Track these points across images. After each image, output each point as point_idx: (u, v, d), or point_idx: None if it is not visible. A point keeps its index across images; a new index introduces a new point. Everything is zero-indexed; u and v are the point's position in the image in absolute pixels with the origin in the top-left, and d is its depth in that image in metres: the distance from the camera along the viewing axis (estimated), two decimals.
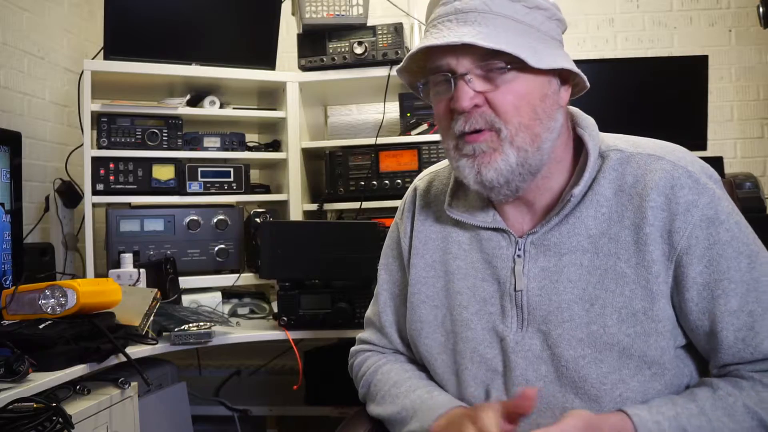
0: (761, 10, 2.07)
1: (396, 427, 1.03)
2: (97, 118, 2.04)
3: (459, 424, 0.89)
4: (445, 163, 1.10)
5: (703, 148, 2.31)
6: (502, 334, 0.96)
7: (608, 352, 0.89)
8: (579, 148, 0.98)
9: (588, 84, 0.96)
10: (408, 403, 1.02)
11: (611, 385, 0.89)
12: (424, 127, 2.21)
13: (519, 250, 0.96)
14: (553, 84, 0.91)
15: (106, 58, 2.04)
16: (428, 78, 0.95)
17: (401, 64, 0.97)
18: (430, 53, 0.92)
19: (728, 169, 2.50)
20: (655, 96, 2.34)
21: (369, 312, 1.22)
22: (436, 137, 2.18)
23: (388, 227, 2.11)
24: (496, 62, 0.87)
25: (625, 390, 0.89)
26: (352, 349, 1.25)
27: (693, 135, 2.31)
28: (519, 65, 0.86)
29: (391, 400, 1.05)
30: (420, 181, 1.14)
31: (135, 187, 2.05)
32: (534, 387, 0.90)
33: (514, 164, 0.90)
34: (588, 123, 0.98)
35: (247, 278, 2.14)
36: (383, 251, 1.18)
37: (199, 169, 2.13)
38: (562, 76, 0.93)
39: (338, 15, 2.16)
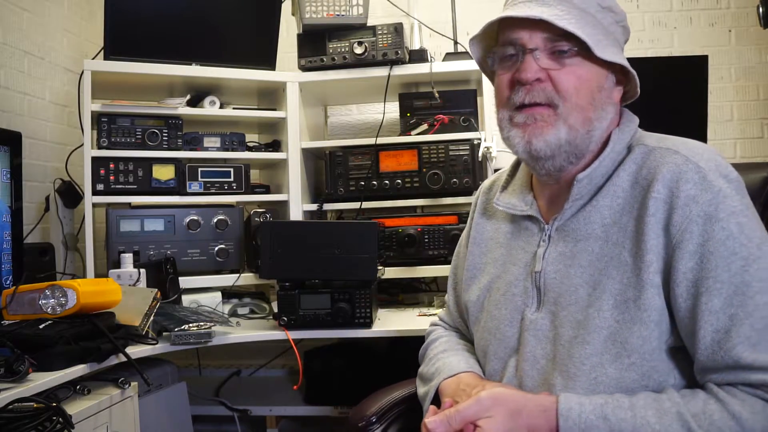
0: (761, 10, 2.07)
1: (424, 384, 1.16)
2: (97, 118, 2.05)
3: (467, 391, 1.01)
4: (509, 167, 1.20)
5: None
6: (523, 314, 1.03)
7: (596, 335, 0.92)
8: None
9: (638, 91, 1.02)
10: (440, 366, 1.14)
11: (590, 367, 0.92)
12: (424, 127, 2.21)
13: (545, 235, 1.04)
14: (609, 79, 0.98)
15: (106, 58, 2.05)
16: (497, 50, 1.01)
17: (477, 32, 1.02)
18: (505, 27, 0.98)
19: None
20: (655, 96, 2.33)
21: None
22: (436, 137, 2.18)
23: (388, 227, 2.14)
24: (564, 44, 0.94)
25: (601, 374, 0.92)
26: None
27: (693, 135, 2.28)
28: (584, 52, 0.94)
29: (434, 362, 1.17)
30: (486, 180, 1.27)
31: (135, 187, 2.05)
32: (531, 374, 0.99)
33: (563, 140, 0.95)
34: (628, 119, 1.04)
35: (247, 278, 2.14)
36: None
37: (199, 169, 2.14)
38: (617, 76, 1.00)
39: (338, 15, 2.16)
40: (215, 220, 2.11)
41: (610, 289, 0.93)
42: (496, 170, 1.54)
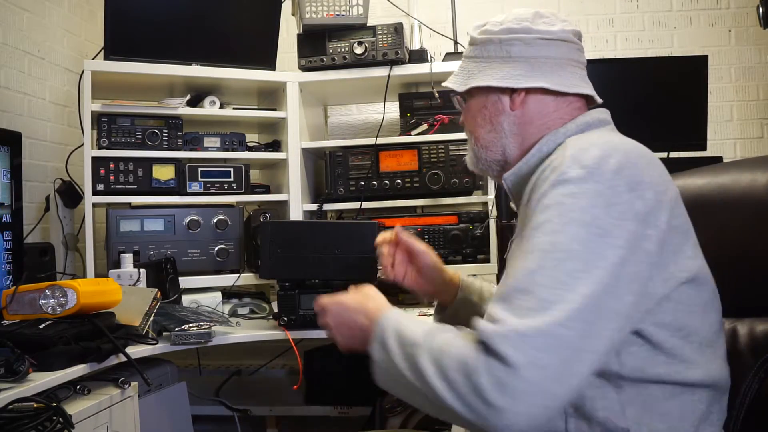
0: (761, 10, 2.07)
1: None
2: (97, 118, 2.05)
3: None
4: None
5: (703, 148, 2.32)
6: None
7: None
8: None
9: (513, 86, 1.07)
10: None
11: None
12: (424, 127, 2.21)
13: (516, 228, 1.13)
14: (491, 96, 1.10)
15: (106, 58, 2.05)
16: None
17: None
18: None
19: None
20: (655, 96, 2.34)
21: None
22: (436, 137, 2.18)
23: (388, 227, 2.13)
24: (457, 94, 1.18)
25: None
26: None
27: (693, 135, 2.31)
28: (459, 93, 1.15)
29: None
30: None
31: (135, 187, 2.05)
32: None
33: (473, 160, 1.16)
34: (572, 120, 1.07)
35: (247, 278, 2.14)
36: None
37: (199, 169, 2.14)
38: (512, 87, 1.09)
39: (338, 15, 2.16)
40: (215, 220, 2.11)
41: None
42: None
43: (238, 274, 2.12)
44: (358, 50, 2.15)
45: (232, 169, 2.18)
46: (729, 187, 1.17)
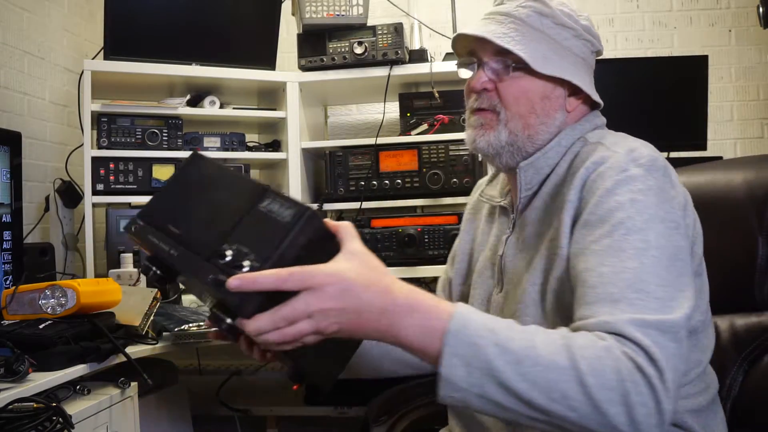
0: (761, 10, 2.07)
1: None
2: (97, 118, 2.05)
3: None
4: None
5: (703, 148, 2.31)
6: (491, 296, 1.11)
7: (533, 308, 0.98)
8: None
9: (598, 100, 1.07)
10: None
11: None
12: (424, 127, 2.21)
13: (510, 223, 1.11)
14: (558, 90, 1.04)
15: (106, 58, 2.05)
16: (464, 60, 1.09)
17: (451, 45, 1.13)
18: (471, 41, 1.06)
19: None
20: (655, 96, 2.34)
21: None
22: (436, 137, 2.18)
23: (388, 227, 2.13)
24: (508, 59, 1.01)
25: None
26: None
27: (693, 135, 2.31)
28: (525, 67, 1.00)
29: None
30: (485, 177, 1.29)
31: (135, 187, 2.05)
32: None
33: (504, 141, 1.04)
34: (588, 119, 1.08)
35: None
36: None
37: None
38: (574, 87, 1.04)
39: (338, 15, 2.16)
40: None
41: (539, 266, 0.99)
42: None
43: None
44: (358, 50, 2.15)
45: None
46: (704, 188, 1.24)
